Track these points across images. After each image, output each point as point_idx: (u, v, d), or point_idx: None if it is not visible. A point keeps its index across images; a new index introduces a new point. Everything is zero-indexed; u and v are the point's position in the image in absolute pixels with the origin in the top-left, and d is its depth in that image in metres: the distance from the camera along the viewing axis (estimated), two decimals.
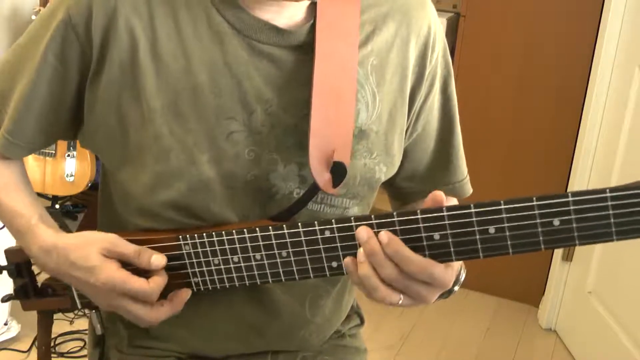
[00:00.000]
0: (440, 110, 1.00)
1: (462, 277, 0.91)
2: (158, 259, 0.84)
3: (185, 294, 0.87)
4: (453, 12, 2.72)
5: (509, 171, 2.57)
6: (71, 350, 2.20)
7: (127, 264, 0.85)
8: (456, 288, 0.89)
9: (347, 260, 0.77)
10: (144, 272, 0.84)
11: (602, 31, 2.23)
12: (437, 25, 0.96)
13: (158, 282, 0.84)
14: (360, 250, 0.76)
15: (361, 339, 1.14)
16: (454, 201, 1.05)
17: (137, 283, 0.83)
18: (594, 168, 2.32)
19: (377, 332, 2.43)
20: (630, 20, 2.15)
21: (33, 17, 2.66)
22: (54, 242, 0.87)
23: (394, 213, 0.76)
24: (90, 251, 0.84)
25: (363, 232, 0.75)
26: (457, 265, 0.82)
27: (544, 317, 2.55)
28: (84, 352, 2.19)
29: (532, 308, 2.62)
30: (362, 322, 1.15)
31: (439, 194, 0.76)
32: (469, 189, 1.06)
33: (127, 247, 0.85)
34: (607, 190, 0.69)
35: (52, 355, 2.17)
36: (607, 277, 2.24)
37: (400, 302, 0.77)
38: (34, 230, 0.89)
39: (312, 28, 0.87)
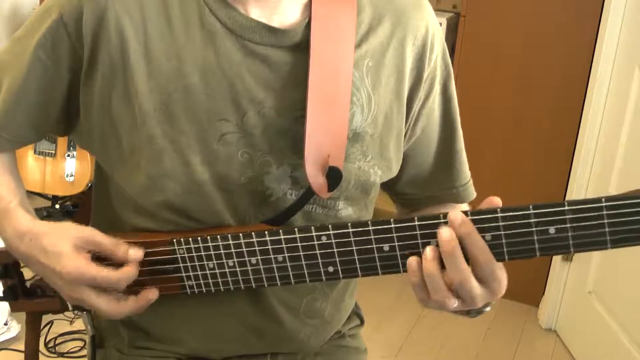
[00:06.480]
0: (440, 113, 0.99)
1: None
2: (136, 251, 0.84)
3: (152, 294, 0.86)
4: (453, 12, 2.72)
5: (509, 171, 2.57)
6: (71, 350, 2.21)
7: (101, 260, 0.84)
8: (488, 309, 0.86)
9: (412, 259, 0.76)
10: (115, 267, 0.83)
11: (602, 31, 2.23)
12: (436, 26, 0.95)
13: (127, 272, 0.83)
14: (428, 248, 0.74)
15: (361, 339, 1.14)
16: (459, 207, 1.05)
17: (104, 271, 0.82)
18: (593, 168, 2.32)
19: (377, 332, 2.43)
20: (630, 20, 2.15)
21: None
22: (30, 227, 0.86)
23: (391, 220, 0.76)
24: (63, 239, 0.83)
25: (446, 231, 0.73)
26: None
27: (544, 317, 2.55)
28: (84, 352, 2.19)
29: (532, 308, 2.62)
30: (362, 322, 1.14)
31: (495, 199, 0.75)
32: (472, 193, 1.04)
33: (104, 238, 0.84)
34: (603, 200, 0.69)
35: (52, 355, 2.18)
36: (607, 277, 2.24)
37: (455, 305, 0.76)
38: (11, 213, 0.88)
39: (307, 28, 0.86)
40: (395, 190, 1.03)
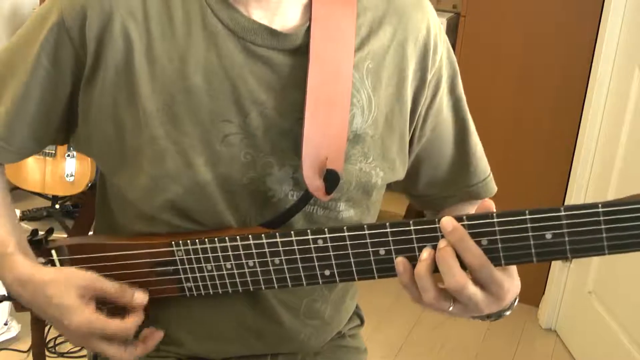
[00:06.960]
0: (451, 112, 0.98)
1: (516, 302, 0.84)
2: (141, 296, 0.85)
3: (158, 335, 0.88)
4: (453, 12, 2.72)
5: (509, 171, 2.57)
6: (71, 350, 2.21)
7: (103, 303, 0.84)
8: (507, 313, 0.86)
9: (400, 260, 0.75)
10: (119, 309, 0.84)
11: (602, 31, 2.23)
12: (437, 26, 0.95)
13: (135, 319, 0.84)
14: (424, 251, 0.74)
15: (361, 339, 1.13)
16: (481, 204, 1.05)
17: (114, 324, 0.83)
18: (593, 168, 2.32)
19: (377, 332, 2.43)
20: (630, 20, 2.15)
21: None
22: (30, 275, 0.85)
23: (387, 223, 0.76)
24: (68, 290, 0.83)
25: (441, 242, 0.73)
26: (516, 287, 0.79)
27: (544, 317, 2.55)
28: (84, 352, 2.19)
29: (532, 308, 2.62)
30: (362, 322, 1.14)
31: (488, 202, 0.76)
32: (492, 188, 1.04)
33: (108, 285, 0.84)
34: (600, 205, 0.69)
35: (52, 355, 2.18)
36: (607, 277, 2.24)
37: (451, 309, 0.76)
38: (9, 259, 0.86)
39: (308, 31, 0.86)
40: (415, 193, 1.03)
